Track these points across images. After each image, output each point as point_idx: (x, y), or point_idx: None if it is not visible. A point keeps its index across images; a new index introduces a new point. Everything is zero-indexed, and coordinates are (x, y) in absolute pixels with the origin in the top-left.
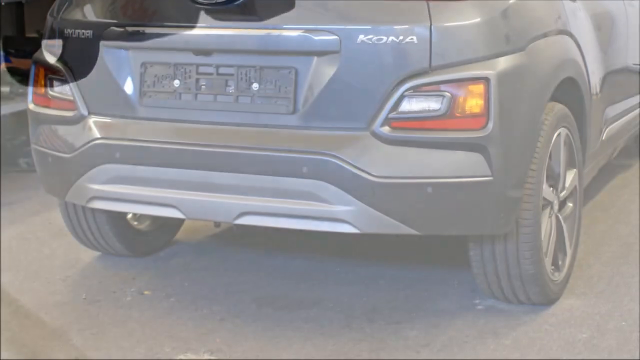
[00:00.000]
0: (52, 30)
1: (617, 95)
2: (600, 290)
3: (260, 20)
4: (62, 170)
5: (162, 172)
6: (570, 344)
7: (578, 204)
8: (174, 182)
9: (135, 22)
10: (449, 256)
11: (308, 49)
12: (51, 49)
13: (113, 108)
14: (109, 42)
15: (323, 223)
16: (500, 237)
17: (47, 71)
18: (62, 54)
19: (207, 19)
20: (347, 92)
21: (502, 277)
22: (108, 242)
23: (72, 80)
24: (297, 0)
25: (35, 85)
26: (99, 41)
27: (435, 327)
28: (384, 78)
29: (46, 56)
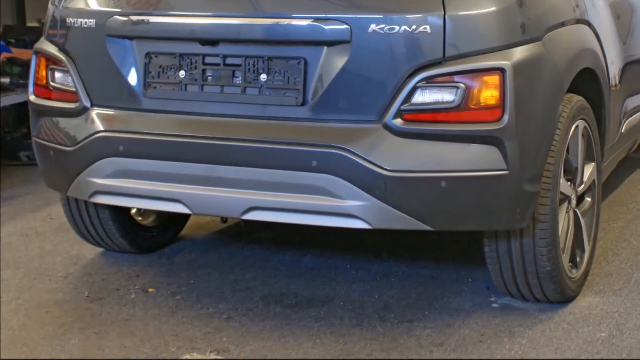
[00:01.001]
0: (54, 19)
1: (637, 86)
2: (619, 287)
3: (269, 8)
4: (64, 164)
5: (167, 166)
6: (589, 343)
7: (597, 198)
8: (179, 176)
9: (139, 11)
10: (464, 253)
11: (318, 38)
12: (53, 39)
13: (117, 100)
14: (112, 32)
15: (333, 219)
16: (516, 233)
17: (49, 62)
18: (65, 44)
19: (214, 8)
20: (359, 83)
21: (519, 275)
22: (111, 238)
23: (75, 71)
24: None
25: (36, 76)
26: (103, 31)
27: (449, 326)
28: (396, 69)
29: (48, 46)
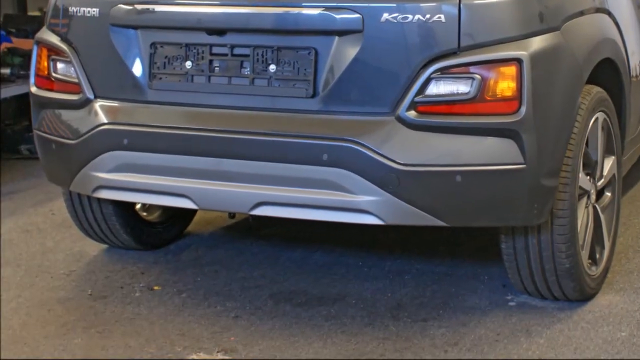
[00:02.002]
0: (56, 8)
1: None
2: None
3: None
4: (67, 158)
5: (173, 159)
6: (609, 342)
7: (616, 193)
8: (185, 170)
9: None
10: (479, 249)
11: (329, 28)
12: (55, 28)
13: (121, 91)
14: (116, 21)
15: (344, 214)
16: (533, 229)
17: (51, 52)
18: (67, 34)
19: None
20: (370, 74)
21: (536, 272)
22: (115, 234)
23: (77, 61)
24: None
25: (37, 67)
26: (106, 20)
27: (464, 324)
28: (409, 59)
29: (49, 36)
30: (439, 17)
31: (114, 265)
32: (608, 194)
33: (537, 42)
